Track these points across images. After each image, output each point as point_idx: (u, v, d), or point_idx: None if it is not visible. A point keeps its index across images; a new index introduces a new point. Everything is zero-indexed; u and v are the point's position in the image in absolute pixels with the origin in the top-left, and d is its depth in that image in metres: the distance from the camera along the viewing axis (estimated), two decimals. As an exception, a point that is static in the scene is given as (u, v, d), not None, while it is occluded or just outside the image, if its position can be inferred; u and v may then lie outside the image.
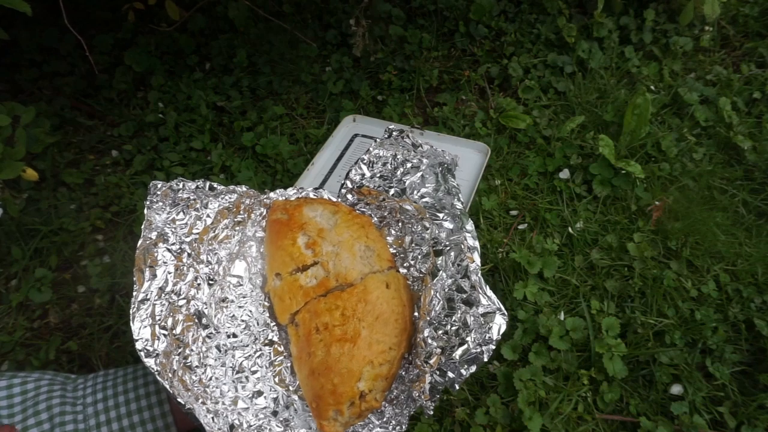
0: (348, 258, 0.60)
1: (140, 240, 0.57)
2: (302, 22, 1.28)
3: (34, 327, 0.83)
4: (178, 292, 0.57)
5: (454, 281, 0.55)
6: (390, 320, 0.56)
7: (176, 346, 0.54)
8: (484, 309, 0.52)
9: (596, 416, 0.70)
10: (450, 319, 0.53)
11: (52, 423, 0.48)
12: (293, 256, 0.61)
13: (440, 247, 0.58)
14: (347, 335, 0.55)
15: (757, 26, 1.22)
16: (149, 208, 0.60)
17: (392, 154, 0.67)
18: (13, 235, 0.92)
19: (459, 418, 0.69)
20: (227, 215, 0.64)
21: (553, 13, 1.20)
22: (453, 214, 0.60)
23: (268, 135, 1.07)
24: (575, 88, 1.11)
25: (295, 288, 0.60)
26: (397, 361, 0.55)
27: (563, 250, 0.86)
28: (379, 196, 0.65)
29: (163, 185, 0.62)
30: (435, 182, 0.63)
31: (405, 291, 0.59)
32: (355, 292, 0.57)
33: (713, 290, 0.80)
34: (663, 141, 0.98)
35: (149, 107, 1.14)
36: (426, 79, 1.16)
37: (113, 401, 0.51)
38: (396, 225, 0.65)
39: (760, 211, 0.90)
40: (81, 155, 1.08)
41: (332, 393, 0.53)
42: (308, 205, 0.65)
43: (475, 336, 0.51)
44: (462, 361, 0.50)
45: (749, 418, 0.68)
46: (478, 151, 0.98)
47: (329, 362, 0.54)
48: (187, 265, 0.59)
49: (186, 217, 0.61)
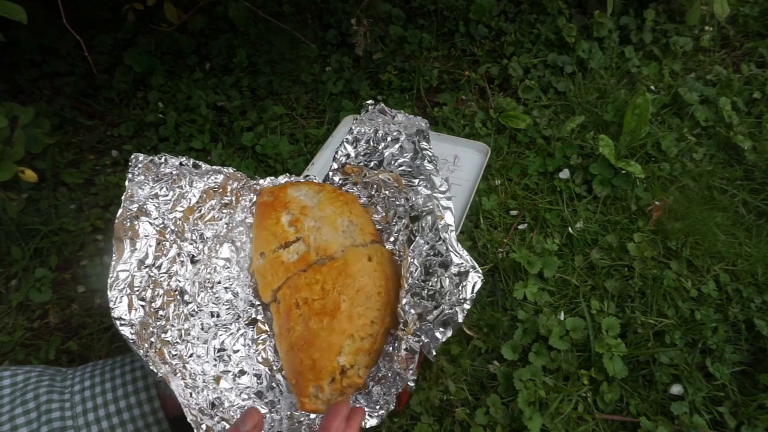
0: (329, 231, 0.59)
1: (120, 210, 0.55)
2: (302, 22, 1.28)
3: (34, 327, 0.83)
4: (160, 266, 0.56)
5: (431, 246, 0.53)
6: (372, 293, 0.54)
7: (154, 319, 0.53)
8: (458, 269, 0.50)
9: (596, 416, 0.70)
10: (427, 284, 0.51)
11: (39, 411, 0.48)
12: (276, 234, 0.60)
13: (417, 212, 0.57)
14: (327, 309, 0.53)
15: (757, 26, 1.22)
16: (131, 181, 0.58)
17: (374, 130, 0.66)
18: (13, 235, 0.92)
19: (459, 418, 0.69)
20: (213, 196, 0.63)
21: (553, 13, 1.20)
22: (428, 178, 0.58)
23: (268, 135, 1.07)
24: (575, 88, 1.11)
25: (276, 264, 0.59)
26: (380, 335, 0.54)
27: (563, 250, 0.86)
28: (360, 171, 0.65)
29: (145, 158, 0.60)
30: (413, 151, 0.63)
31: (389, 265, 0.58)
32: (336, 266, 0.56)
33: (713, 290, 0.80)
34: (663, 141, 0.98)
35: (149, 107, 1.14)
36: (426, 79, 1.16)
37: (100, 388, 0.50)
38: (382, 202, 0.64)
39: (760, 211, 0.90)
40: (81, 155, 1.08)
41: (311, 368, 0.51)
42: (293, 186, 0.65)
43: (448, 298, 0.49)
44: (436, 323, 0.48)
45: (749, 418, 0.68)
46: (478, 151, 0.98)
47: (308, 337, 0.53)
48: (170, 241, 0.58)
49: (170, 193, 0.60)
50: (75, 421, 0.49)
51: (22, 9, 0.71)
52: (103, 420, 0.49)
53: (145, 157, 0.61)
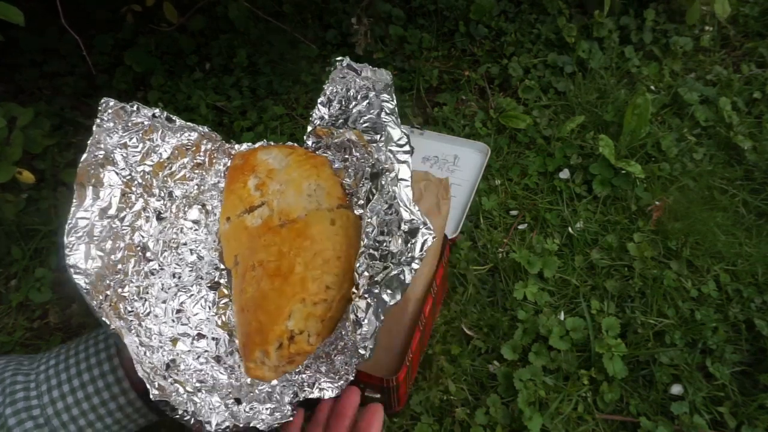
0: (293, 195, 0.57)
1: (85, 155, 0.53)
2: (302, 22, 1.28)
3: (34, 327, 0.83)
4: (123, 218, 0.54)
5: (389, 206, 0.49)
6: (331, 257, 0.51)
7: (112, 272, 0.51)
8: (408, 225, 0.47)
9: (596, 416, 0.70)
10: (381, 245, 0.48)
11: (3, 394, 0.48)
12: (242, 198, 0.59)
13: (377, 170, 0.53)
14: (281, 271, 0.51)
15: (757, 26, 1.22)
16: (99, 126, 0.56)
17: (345, 88, 0.63)
18: (13, 235, 0.92)
19: (459, 418, 0.69)
20: (185, 154, 0.61)
21: (553, 13, 1.20)
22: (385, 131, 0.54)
23: (268, 135, 1.07)
24: (575, 88, 1.11)
25: (240, 229, 0.57)
26: (336, 302, 0.51)
27: (563, 250, 0.86)
28: (329, 132, 0.62)
29: (116, 104, 0.58)
30: (379, 107, 0.58)
31: (354, 230, 0.54)
32: (295, 228, 0.53)
33: (713, 290, 0.80)
34: (663, 141, 0.98)
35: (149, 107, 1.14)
36: (426, 79, 1.16)
37: (64, 365, 0.50)
38: (353, 165, 0.61)
39: (760, 211, 0.90)
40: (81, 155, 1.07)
41: (259, 331, 0.49)
42: (264, 150, 0.63)
43: (398, 258, 0.46)
44: (382, 284, 0.45)
45: (749, 418, 0.68)
46: (478, 151, 0.98)
47: (258, 298, 0.50)
48: (135, 194, 0.56)
49: (140, 145, 0.57)
50: (40, 400, 0.49)
51: (19, 11, 0.71)
52: (69, 395, 0.49)
53: (116, 102, 0.58)
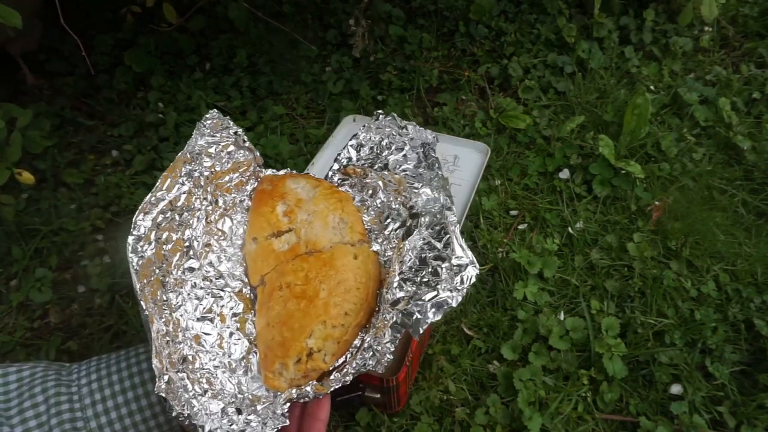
0: (320, 226, 0.62)
1: (181, 152, 0.60)
2: (302, 22, 1.28)
3: (35, 327, 0.83)
4: (182, 213, 0.59)
5: (427, 242, 0.55)
6: (352, 288, 0.57)
7: (160, 261, 0.55)
8: (458, 261, 0.52)
9: (596, 416, 0.70)
10: (420, 273, 0.53)
11: (47, 404, 0.49)
12: (270, 222, 0.63)
13: (416, 211, 0.59)
14: (306, 294, 0.56)
15: (756, 26, 1.22)
16: (198, 130, 0.63)
17: (379, 138, 0.68)
18: (14, 235, 0.92)
19: (459, 418, 0.69)
20: (237, 170, 0.66)
21: (553, 13, 1.21)
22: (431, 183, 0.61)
23: (269, 135, 1.07)
24: (575, 88, 1.11)
25: (268, 251, 0.61)
26: (352, 328, 0.56)
27: (563, 250, 0.86)
28: (363, 172, 0.67)
29: (219, 117, 0.65)
30: (416, 160, 0.65)
31: (373, 266, 0.60)
32: (322, 257, 0.59)
33: (713, 290, 0.80)
34: (663, 141, 0.98)
35: (149, 107, 1.14)
36: (426, 79, 1.16)
37: (107, 380, 0.51)
38: (375, 207, 0.66)
39: (759, 211, 0.90)
40: (81, 155, 1.08)
41: (281, 345, 0.54)
42: (293, 178, 0.68)
43: (445, 285, 0.51)
44: (431, 304, 0.50)
45: (749, 418, 0.68)
46: (478, 151, 0.98)
47: (284, 316, 0.55)
48: (197, 196, 0.61)
49: (216, 151, 0.63)
50: (84, 413, 0.50)
51: (17, 14, 0.71)
52: (112, 411, 0.50)
53: (219, 115, 0.65)
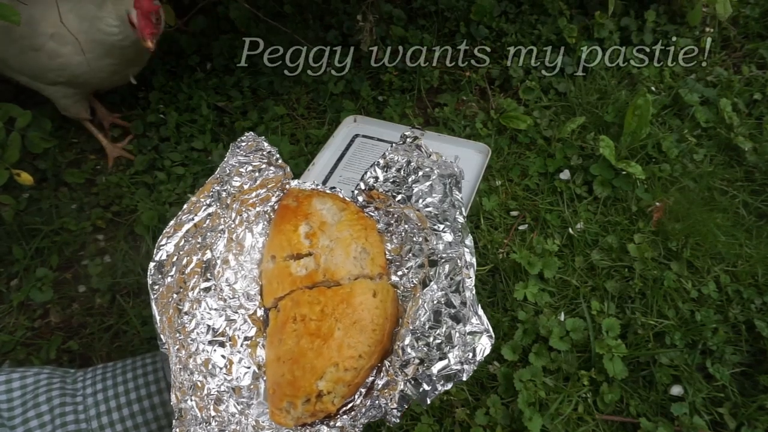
0: (341, 256, 0.60)
1: (212, 176, 0.59)
2: (303, 22, 1.28)
3: (35, 326, 0.83)
4: (204, 235, 0.58)
5: (444, 294, 0.53)
6: (368, 329, 0.55)
7: (178, 287, 0.54)
8: (472, 328, 0.51)
9: (596, 417, 0.70)
10: (434, 331, 0.51)
11: (52, 414, 0.48)
12: (291, 242, 0.61)
13: (436, 257, 0.57)
14: (321, 332, 0.54)
15: (757, 27, 1.22)
16: (231, 150, 0.63)
17: (407, 160, 0.66)
18: (14, 235, 0.92)
19: (459, 419, 0.69)
20: (265, 186, 0.64)
21: (554, 14, 1.21)
22: (454, 227, 0.59)
23: (269, 135, 1.07)
24: (576, 89, 1.11)
25: (284, 274, 0.59)
26: (364, 371, 0.54)
27: (564, 251, 0.86)
28: (386, 200, 0.65)
29: (254, 138, 0.65)
30: (442, 193, 0.62)
31: (391, 305, 0.58)
32: (341, 292, 0.57)
33: (713, 291, 0.80)
34: (663, 142, 0.98)
35: (150, 107, 1.14)
36: (427, 79, 1.16)
37: (113, 391, 0.50)
38: (399, 234, 0.64)
39: (760, 213, 0.90)
40: (82, 155, 1.08)
41: (291, 384, 0.52)
42: (319, 197, 0.65)
43: (457, 353, 0.49)
44: (440, 376, 0.48)
45: (749, 419, 0.68)
46: (478, 152, 0.98)
47: (296, 353, 0.53)
48: (222, 215, 0.59)
49: (247, 171, 0.63)
50: (89, 424, 0.48)
51: (17, 12, 0.71)
52: (117, 423, 0.49)
53: (255, 137, 0.66)
